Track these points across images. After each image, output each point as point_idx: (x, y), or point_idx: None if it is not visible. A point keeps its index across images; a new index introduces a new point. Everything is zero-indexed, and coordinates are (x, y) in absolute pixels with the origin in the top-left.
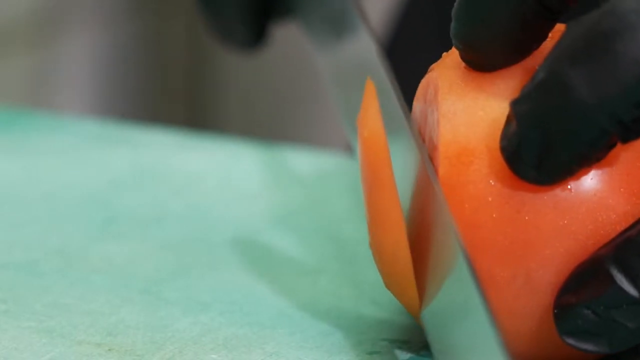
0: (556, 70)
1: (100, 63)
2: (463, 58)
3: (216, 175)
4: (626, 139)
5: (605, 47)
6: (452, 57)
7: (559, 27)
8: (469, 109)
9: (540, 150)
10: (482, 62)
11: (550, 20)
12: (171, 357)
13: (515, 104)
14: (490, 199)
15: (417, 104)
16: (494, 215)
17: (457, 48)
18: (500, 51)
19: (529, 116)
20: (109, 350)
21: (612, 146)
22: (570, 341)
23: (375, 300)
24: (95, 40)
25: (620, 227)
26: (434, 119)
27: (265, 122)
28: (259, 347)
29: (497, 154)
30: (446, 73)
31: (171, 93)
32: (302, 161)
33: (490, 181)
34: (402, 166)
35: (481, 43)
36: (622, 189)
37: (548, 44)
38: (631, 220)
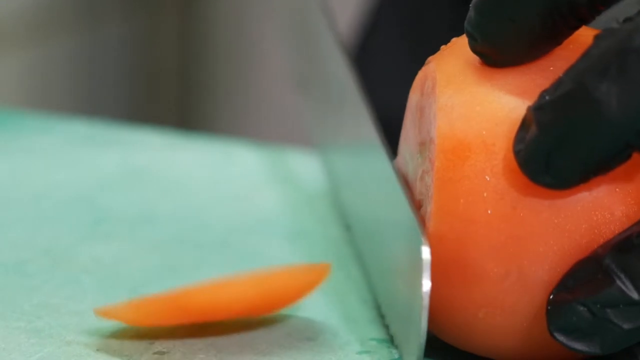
0: (584, 83)
1: (90, 63)
2: (476, 50)
3: (205, 176)
4: None
5: (637, 64)
6: (450, 50)
7: None
8: (467, 103)
9: (559, 158)
10: (497, 57)
11: (576, 27)
12: (160, 357)
13: (536, 110)
14: (485, 194)
15: (413, 95)
16: (489, 211)
17: (472, 40)
18: (520, 49)
19: (553, 125)
20: (98, 350)
21: (630, 157)
22: (561, 338)
23: (363, 299)
24: (85, 40)
25: (615, 227)
26: (431, 111)
27: (256, 123)
28: (250, 347)
29: (494, 149)
30: (444, 66)
31: (162, 93)
32: (293, 161)
33: (486, 177)
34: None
35: (504, 40)
36: (617, 189)
37: None
38: (626, 221)
